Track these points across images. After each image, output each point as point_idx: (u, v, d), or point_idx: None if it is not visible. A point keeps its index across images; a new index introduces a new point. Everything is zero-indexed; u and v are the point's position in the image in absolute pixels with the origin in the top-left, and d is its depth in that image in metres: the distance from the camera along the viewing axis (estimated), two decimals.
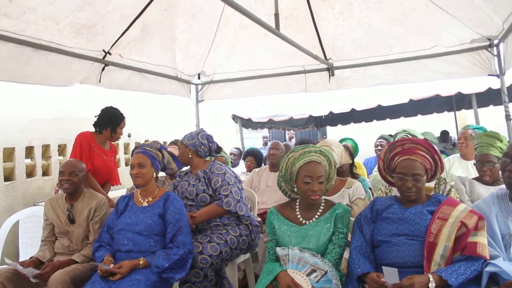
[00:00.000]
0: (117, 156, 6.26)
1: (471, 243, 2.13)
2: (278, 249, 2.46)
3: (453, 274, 2.04)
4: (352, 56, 5.12)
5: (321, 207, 2.54)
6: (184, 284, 3.18)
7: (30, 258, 3.25)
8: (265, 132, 10.74)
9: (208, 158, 3.76)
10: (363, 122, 9.40)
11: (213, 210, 3.43)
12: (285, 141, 11.14)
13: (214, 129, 6.07)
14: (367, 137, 8.68)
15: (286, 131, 11.13)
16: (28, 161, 5.00)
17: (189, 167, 3.74)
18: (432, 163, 2.36)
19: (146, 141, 5.11)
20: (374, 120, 9.28)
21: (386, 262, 2.21)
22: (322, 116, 9.16)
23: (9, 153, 4.74)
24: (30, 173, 4.99)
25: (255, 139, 14.38)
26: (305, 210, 2.55)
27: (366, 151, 8.31)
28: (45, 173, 5.15)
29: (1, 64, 3.37)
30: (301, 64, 5.34)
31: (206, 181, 3.52)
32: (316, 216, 2.51)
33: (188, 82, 5.96)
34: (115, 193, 4.54)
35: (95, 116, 4.18)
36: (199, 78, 5.98)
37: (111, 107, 4.23)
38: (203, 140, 3.66)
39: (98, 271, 2.80)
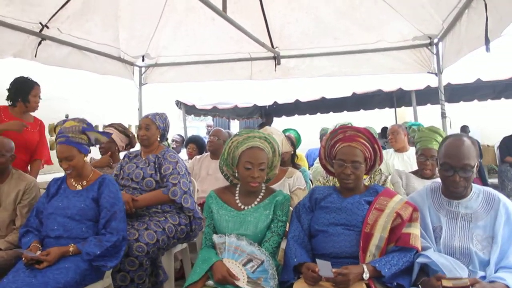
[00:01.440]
0: (53, 138, 5.96)
1: (405, 234, 2.17)
2: (214, 237, 2.40)
3: (386, 265, 2.08)
4: (298, 46, 5.14)
5: (261, 193, 2.51)
6: (117, 273, 3.05)
7: None
8: (209, 120, 10.63)
9: None
10: (308, 115, 9.53)
11: (157, 196, 3.33)
12: (229, 129, 11.09)
13: None
14: (311, 129, 8.79)
15: (231, 120, 11.07)
16: None
17: (138, 149, 3.61)
18: (372, 152, 2.38)
19: (66, 116, 4.87)
20: (318, 113, 9.42)
21: (322, 252, 2.21)
22: (266, 106, 9.18)
23: None
24: None
25: (199, 128, 14.23)
26: (245, 196, 2.51)
27: (309, 144, 8.44)
28: None
29: None
30: (248, 51, 5.29)
31: (156, 166, 3.43)
32: (256, 202, 2.47)
33: (132, 64, 5.76)
34: (47, 177, 4.29)
35: (6, 89, 3.87)
36: (143, 60, 5.79)
37: (20, 77, 3.89)
38: (168, 124, 3.64)
39: (23, 259, 2.61)
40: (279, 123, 10.13)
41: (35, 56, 4.17)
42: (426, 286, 2.00)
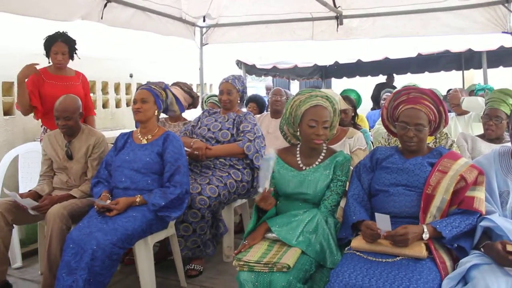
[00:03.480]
0: (118, 96, 6.22)
1: (469, 197, 2.11)
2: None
3: (447, 226, 2.04)
4: (362, 5, 4.99)
5: (322, 154, 2.51)
6: (181, 224, 3.23)
7: (29, 191, 3.27)
8: (269, 81, 10.59)
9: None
10: (369, 76, 9.26)
11: (231, 148, 3.52)
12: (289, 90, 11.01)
13: (217, 74, 5.99)
14: (372, 91, 8.59)
15: (290, 80, 10.97)
16: None
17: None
18: (437, 115, 2.30)
19: (130, 75, 5.00)
20: (380, 75, 9.13)
21: (382, 212, 2.20)
22: (327, 66, 9.01)
23: (8, 87, 4.68)
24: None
25: (258, 88, 14.26)
26: (306, 156, 2.52)
27: (370, 106, 8.25)
28: None
29: None
30: (309, 11, 5.20)
31: (235, 122, 3.62)
32: (317, 163, 2.48)
33: (193, 24, 5.83)
34: (114, 133, 4.50)
35: None
36: (204, 20, 5.84)
37: (50, 34, 3.89)
38: (246, 85, 3.84)
39: (95, 207, 2.82)
40: (340, 85, 9.95)
41: (101, 18, 4.32)
42: (489, 250, 1.95)
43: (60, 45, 3.75)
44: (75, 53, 3.91)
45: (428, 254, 1.99)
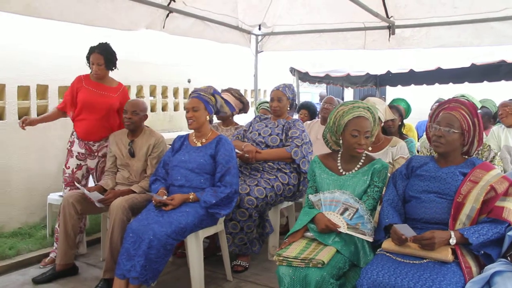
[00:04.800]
0: (176, 100, 6.56)
1: (498, 207, 2.18)
2: (310, 197, 2.63)
3: (475, 233, 2.12)
4: (414, 15, 5.00)
5: (361, 161, 2.66)
6: (229, 222, 3.46)
7: (95, 185, 3.63)
8: (323, 88, 10.68)
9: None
10: (424, 85, 9.12)
11: (279, 152, 3.71)
12: (342, 98, 11.03)
13: (271, 81, 6.19)
14: (427, 100, 8.44)
15: (344, 87, 10.99)
16: None
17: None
18: (470, 125, 2.36)
19: (188, 80, 5.22)
20: (436, 84, 8.97)
21: (414, 217, 2.32)
22: (379, 74, 8.98)
23: (64, 91, 5.08)
24: None
25: (314, 94, 14.33)
26: (346, 162, 2.68)
27: (424, 115, 8.14)
28: None
29: (70, 7, 3.62)
30: (362, 20, 5.28)
31: (284, 128, 3.80)
32: (356, 168, 2.64)
33: (249, 33, 6.05)
34: (171, 135, 4.80)
35: None
36: (259, 29, 6.05)
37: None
38: (295, 93, 4.01)
39: (153, 201, 3.10)
40: (394, 92, 9.86)
41: (163, 27, 4.63)
42: None
43: (96, 56, 3.77)
44: (114, 64, 3.91)
45: (454, 259, 2.09)
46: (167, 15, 4.60)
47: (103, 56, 3.78)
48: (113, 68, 3.92)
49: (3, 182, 4.39)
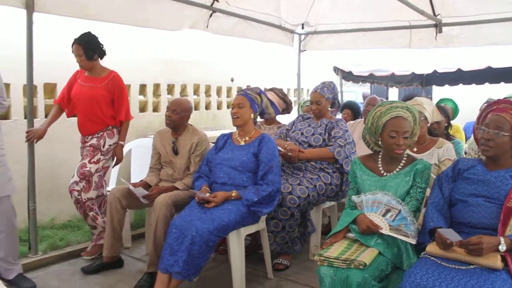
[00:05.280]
0: (219, 99, 6.63)
1: None
2: (353, 198, 2.59)
3: None
4: (463, 12, 4.86)
5: (403, 161, 2.60)
6: (271, 220, 3.47)
7: (140, 181, 3.72)
8: (367, 88, 10.53)
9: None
10: (474, 84, 8.81)
11: (322, 152, 3.70)
12: (386, 97, 10.82)
13: (314, 80, 6.15)
14: (476, 100, 8.16)
15: (389, 87, 10.79)
16: (141, 97, 5.52)
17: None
18: None
19: (232, 79, 5.27)
20: (487, 83, 8.64)
21: (460, 221, 2.24)
22: (424, 74, 8.76)
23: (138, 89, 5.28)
24: (142, 109, 5.53)
25: (358, 93, 14.13)
26: (387, 163, 2.64)
27: (473, 115, 7.85)
28: (155, 109, 5.66)
29: (123, 9, 3.76)
30: (407, 19, 5.18)
31: (327, 128, 3.79)
32: (397, 169, 2.59)
33: (292, 32, 6.05)
34: (214, 133, 4.86)
35: None
36: (302, 28, 6.04)
37: None
38: (337, 91, 3.95)
39: (196, 198, 3.16)
40: (441, 92, 9.58)
41: (207, 27, 4.71)
42: None
43: (75, 47, 3.62)
44: (96, 53, 3.68)
45: (503, 266, 2.01)
46: (211, 15, 4.68)
47: (81, 46, 3.61)
48: (95, 57, 3.69)
49: (54, 177, 4.57)
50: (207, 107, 6.47)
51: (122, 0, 3.86)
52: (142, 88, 5.51)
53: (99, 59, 3.76)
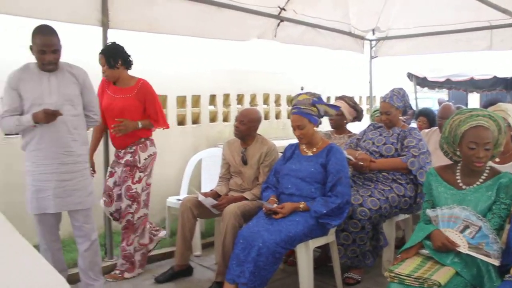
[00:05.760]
0: (289, 108, 6.60)
1: None
2: (428, 211, 2.43)
3: None
4: None
5: (485, 174, 2.41)
6: (341, 232, 3.38)
7: (210, 190, 3.78)
8: (444, 94, 10.07)
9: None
10: None
11: (395, 162, 3.56)
12: (466, 104, 10.28)
13: (387, 87, 5.97)
14: None
15: (468, 92, 10.24)
16: (211, 107, 5.63)
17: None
18: None
19: (301, 88, 5.16)
20: None
21: None
22: (508, 77, 8.19)
23: (196, 100, 5.40)
24: (212, 119, 5.64)
25: (435, 100, 13.57)
26: (466, 175, 2.45)
27: None
28: (225, 119, 5.76)
29: (190, 22, 3.87)
30: (487, 19, 4.87)
31: (399, 137, 3.65)
32: (478, 183, 2.39)
33: (362, 38, 5.93)
34: (284, 143, 4.83)
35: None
36: (373, 33, 5.89)
37: None
38: (407, 98, 3.79)
39: (264, 209, 3.14)
40: None
41: (275, 36, 4.71)
42: None
43: (99, 57, 3.57)
44: (118, 62, 3.56)
45: None
46: (278, 24, 4.68)
47: (104, 55, 3.55)
48: (118, 65, 3.56)
49: None
50: (277, 116, 6.48)
51: (189, 14, 3.98)
52: (212, 98, 5.62)
53: (126, 69, 3.65)
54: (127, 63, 3.63)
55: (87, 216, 3.17)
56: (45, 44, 2.86)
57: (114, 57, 3.54)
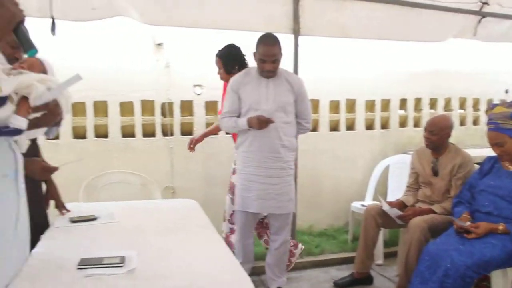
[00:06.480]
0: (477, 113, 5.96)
1: None
2: None
3: None
4: None
5: None
6: None
7: (397, 200, 3.66)
8: None
9: None
10: None
11: None
12: None
13: None
14: None
15: None
16: (402, 112, 5.42)
17: None
18: None
19: (506, 90, 4.55)
20: None
21: None
22: None
23: (385, 105, 5.26)
24: (402, 123, 5.41)
25: None
26: None
27: None
28: (416, 124, 5.46)
29: (382, 26, 3.83)
30: None
31: None
32: None
33: None
34: (482, 152, 4.39)
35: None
36: None
37: None
38: None
39: (454, 226, 2.90)
40: None
41: (475, 34, 4.31)
42: None
43: (216, 60, 3.63)
44: (234, 67, 3.56)
45: None
46: (479, 21, 4.27)
47: (221, 59, 3.59)
48: (234, 70, 3.53)
49: (314, 187, 4.90)
50: (475, 122, 5.90)
51: (380, 18, 3.88)
52: (402, 103, 5.41)
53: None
54: (243, 67, 3.61)
55: (285, 220, 3.37)
56: (266, 54, 3.10)
57: (232, 63, 3.60)
